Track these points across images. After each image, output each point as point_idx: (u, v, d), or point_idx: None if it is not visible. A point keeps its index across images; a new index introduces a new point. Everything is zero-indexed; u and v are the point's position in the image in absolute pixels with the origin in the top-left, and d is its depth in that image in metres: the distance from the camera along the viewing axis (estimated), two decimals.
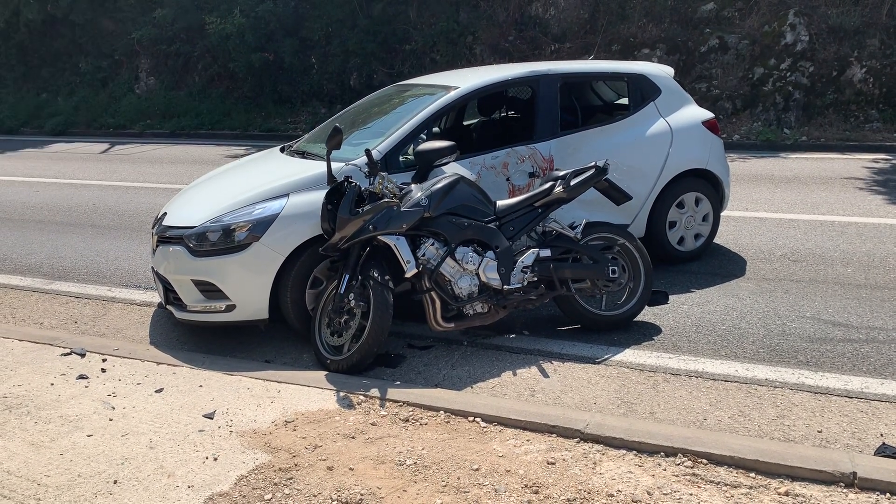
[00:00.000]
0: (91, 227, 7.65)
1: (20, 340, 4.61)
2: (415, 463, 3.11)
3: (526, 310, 4.49)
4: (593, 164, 4.51)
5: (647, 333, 4.47)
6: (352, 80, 14.59)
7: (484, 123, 6.28)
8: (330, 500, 2.85)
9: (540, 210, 4.44)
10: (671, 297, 4.87)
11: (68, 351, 4.39)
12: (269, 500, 2.87)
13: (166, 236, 4.62)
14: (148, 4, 16.05)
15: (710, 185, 5.59)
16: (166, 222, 4.71)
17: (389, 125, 4.85)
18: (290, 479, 3.02)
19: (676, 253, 5.57)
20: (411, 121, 4.72)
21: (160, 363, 4.23)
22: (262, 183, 4.59)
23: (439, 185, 4.20)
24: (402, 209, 4.08)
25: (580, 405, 3.71)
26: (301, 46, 14.93)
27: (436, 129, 6.32)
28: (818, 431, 3.36)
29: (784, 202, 7.36)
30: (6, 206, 8.81)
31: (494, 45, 13.70)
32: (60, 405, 3.69)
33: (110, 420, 3.51)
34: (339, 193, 4.13)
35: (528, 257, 4.30)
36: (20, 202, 8.98)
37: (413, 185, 4.29)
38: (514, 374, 4.05)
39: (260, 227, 4.31)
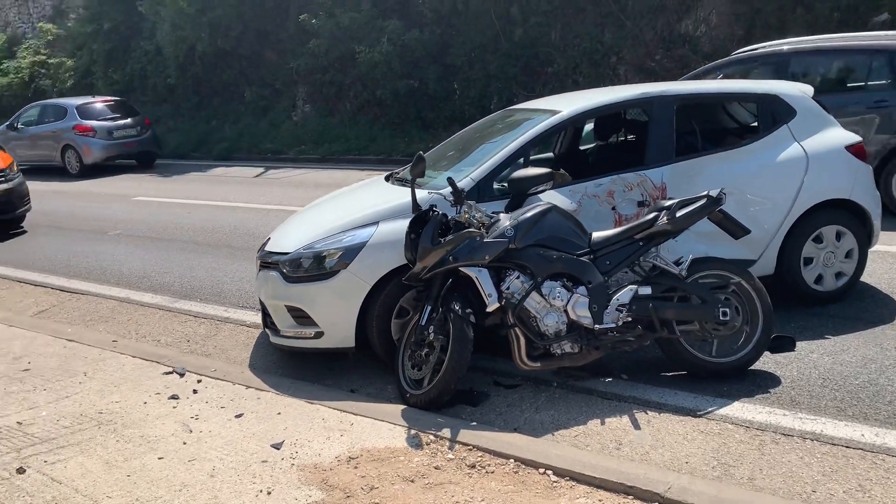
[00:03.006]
0: (227, 247, 8.06)
1: (132, 357, 4.86)
2: None
3: (623, 352, 4.13)
4: (705, 193, 4.09)
5: (762, 385, 3.97)
6: (492, 104, 14.57)
7: (592, 148, 5.95)
8: None
9: (641, 243, 4.08)
10: (799, 344, 4.29)
11: (171, 370, 4.56)
12: None
13: (267, 261, 4.71)
14: (305, 36, 16.94)
15: (854, 218, 4.92)
16: (268, 248, 4.81)
17: (487, 152, 4.68)
18: None
19: (813, 293, 4.94)
20: (507, 147, 4.52)
21: (249, 387, 4.29)
22: (356, 211, 4.58)
23: (527, 215, 3.97)
24: (486, 240, 3.88)
25: (669, 464, 3.32)
26: (444, 72, 15.14)
27: (549, 154, 6.09)
28: None
29: None
30: (158, 226, 9.50)
31: (640, 64, 13.19)
32: (145, 424, 3.81)
33: (184, 444, 3.57)
34: (423, 222, 4.01)
35: (624, 294, 3.95)
36: (172, 223, 9.65)
37: (502, 215, 4.08)
38: (602, 423, 3.71)
39: (349, 254, 4.28)
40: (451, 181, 4.01)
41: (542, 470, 3.22)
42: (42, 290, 6.93)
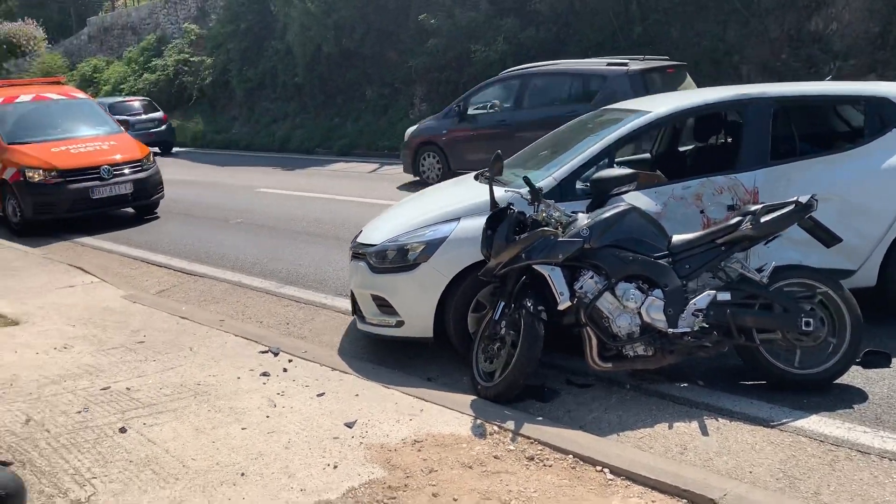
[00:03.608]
0: (334, 238, 8.44)
1: (236, 336, 5.23)
2: None
3: (701, 358, 4.06)
4: (794, 199, 3.96)
5: (846, 399, 3.80)
6: None
7: (690, 150, 5.82)
8: None
9: (723, 248, 4.00)
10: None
11: (266, 349, 4.90)
12: None
13: (357, 252, 4.96)
14: (424, 35, 17.33)
15: None
16: (359, 239, 5.06)
17: (574, 151, 4.72)
18: (394, 498, 3.07)
19: None
20: (591, 147, 4.55)
21: (334, 369, 4.54)
22: (440, 206, 4.75)
23: (604, 216, 3.99)
24: (561, 239, 3.94)
25: (731, 472, 3.26)
26: None
27: (646, 155, 6.02)
28: None
29: None
30: (274, 216, 10.07)
31: (764, 63, 12.63)
32: (236, 397, 4.13)
33: (266, 417, 3.85)
34: (500, 219, 4.11)
35: (701, 300, 3.89)
36: (286, 214, 10.20)
37: (580, 214, 4.12)
38: (670, 427, 3.69)
39: (430, 248, 4.45)
40: (526, 180, 4.09)
41: (598, 467, 3.26)
42: (165, 271, 7.55)
